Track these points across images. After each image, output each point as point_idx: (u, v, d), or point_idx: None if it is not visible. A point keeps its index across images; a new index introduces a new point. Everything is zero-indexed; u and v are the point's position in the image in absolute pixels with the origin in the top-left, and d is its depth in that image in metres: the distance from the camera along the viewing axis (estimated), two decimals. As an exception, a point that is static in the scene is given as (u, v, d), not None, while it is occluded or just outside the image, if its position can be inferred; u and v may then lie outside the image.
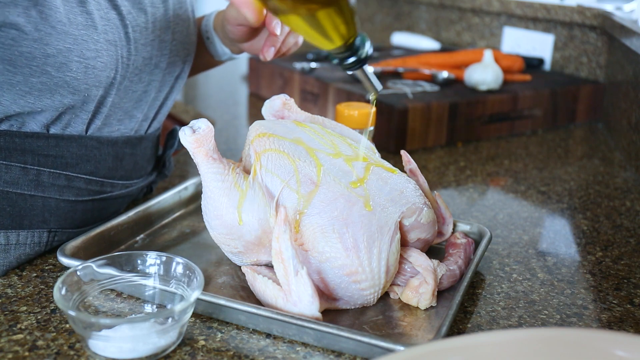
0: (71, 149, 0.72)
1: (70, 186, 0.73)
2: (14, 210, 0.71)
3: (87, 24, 0.67)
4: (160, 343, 0.57)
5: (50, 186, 0.72)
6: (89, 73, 0.68)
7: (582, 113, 1.39)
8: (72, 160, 0.73)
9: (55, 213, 0.73)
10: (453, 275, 0.69)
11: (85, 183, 0.74)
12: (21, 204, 0.71)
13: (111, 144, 0.76)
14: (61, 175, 0.72)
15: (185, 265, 0.62)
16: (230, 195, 0.67)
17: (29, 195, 0.71)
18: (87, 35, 0.67)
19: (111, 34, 0.70)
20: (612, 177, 1.08)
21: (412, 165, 0.75)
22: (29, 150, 0.70)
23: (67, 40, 0.66)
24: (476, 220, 0.89)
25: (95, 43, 0.68)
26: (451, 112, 1.21)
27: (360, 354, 0.59)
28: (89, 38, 0.67)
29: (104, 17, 0.69)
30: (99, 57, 0.68)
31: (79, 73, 0.67)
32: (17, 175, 0.70)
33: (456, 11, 1.76)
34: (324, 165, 0.65)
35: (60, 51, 0.65)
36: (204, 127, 0.67)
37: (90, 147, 0.74)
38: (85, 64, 0.67)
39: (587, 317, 0.67)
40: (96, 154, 0.75)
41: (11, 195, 0.70)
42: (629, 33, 1.17)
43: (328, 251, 0.63)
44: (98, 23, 0.68)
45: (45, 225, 0.73)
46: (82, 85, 0.68)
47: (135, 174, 0.82)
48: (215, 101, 1.58)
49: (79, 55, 0.67)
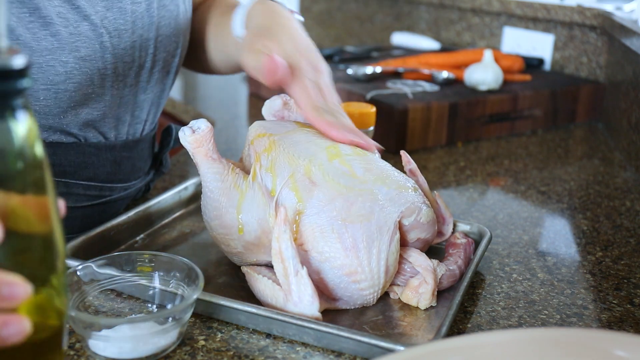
0: (69, 156, 0.71)
1: (69, 193, 0.72)
2: None
3: (53, 47, 0.64)
4: (160, 343, 0.57)
5: None
6: (60, 97, 0.65)
7: (582, 113, 1.39)
8: (70, 168, 0.72)
9: None
10: (453, 275, 0.69)
11: (84, 189, 0.74)
12: None
13: (109, 149, 0.75)
14: (60, 183, 0.71)
15: (185, 265, 0.62)
16: (229, 195, 0.67)
17: None
18: (54, 60, 0.64)
19: (84, 50, 0.66)
20: (612, 177, 1.08)
21: (411, 166, 0.75)
22: None
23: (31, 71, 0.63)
24: (476, 220, 0.89)
25: (64, 65, 0.64)
26: (451, 112, 1.21)
27: (360, 354, 0.59)
28: (56, 62, 0.64)
29: (74, 33, 0.65)
30: (70, 79, 0.65)
31: (48, 100, 0.65)
32: None
33: (456, 11, 1.76)
34: (323, 165, 0.65)
35: None
36: (204, 127, 0.67)
37: (88, 154, 0.73)
38: (54, 90, 0.64)
39: (587, 317, 0.67)
40: (94, 160, 0.73)
41: None
42: (629, 33, 1.17)
43: (327, 251, 0.63)
44: (66, 43, 0.65)
45: None
46: (55, 110, 0.66)
47: (133, 176, 0.81)
48: (215, 101, 1.58)
49: (45, 82, 0.64)
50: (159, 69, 0.78)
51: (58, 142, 0.70)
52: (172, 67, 0.81)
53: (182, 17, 0.80)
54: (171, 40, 0.78)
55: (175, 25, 0.78)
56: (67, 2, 0.65)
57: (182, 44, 0.81)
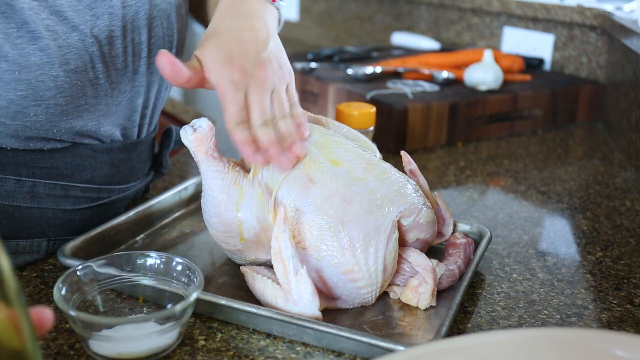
0: (66, 159, 0.71)
1: (67, 195, 0.72)
2: (12, 222, 0.70)
3: (42, 62, 0.62)
4: (160, 343, 0.57)
5: (46, 197, 0.70)
6: (51, 111, 0.64)
7: (582, 113, 1.39)
8: (67, 170, 0.72)
9: (53, 223, 0.73)
10: (452, 275, 0.69)
11: (81, 191, 0.73)
12: (18, 216, 0.70)
13: (106, 151, 0.74)
14: (57, 186, 0.71)
15: (185, 265, 0.62)
16: (229, 193, 0.67)
17: (25, 207, 0.70)
18: (43, 75, 0.62)
19: (73, 62, 0.65)
20: (612, 177, 1.08)
21: (412, 166, 0.75)
22: (23, 163, 0.68)
23: (20, 88, 0.61)
24: (476, 220, 0.89)
25: (54, 80, 0.63)
26: (451, 112, 1.21)
27: (360, 354, 0.59)
28: (46, 76, 0.63)
29: (64, 45, 0.64)
30: (61, 93, 0.64)
31: (39, 116, 0.64)
32: (12, 188, 0.69)
33: (456, 11, 1.76)
34: (322, 164, 0.65)
35: (12, 101, 0.61)
36: (205, 125, 0.68)
37: (85, 157, 0.72)
38: (45, 105, 0.63)
39: (587, 317, 0.67)
40: (92, 163, 0.73)
41: (7, 208, 0.69)
42: (629, 33, 1.17)
43: (324, 249, 0.63)
44: (55, 56, 0.63)
45: (44, 235, 0.72)
46: (47, 125, 0.65)
47: (132, 178, 0.80)
48: (216, 101, 1.57)
49: (35, 98, 0.62)
50: (154, 71, 0.76)
51: (53, 148, 0.70)
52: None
53: (177, 14, 0.77)
54: (164, 40, 0.76)
55: (168, 24, 0.76)
56: (55, 14, 0.64)
57: (177, 42, 0.78)
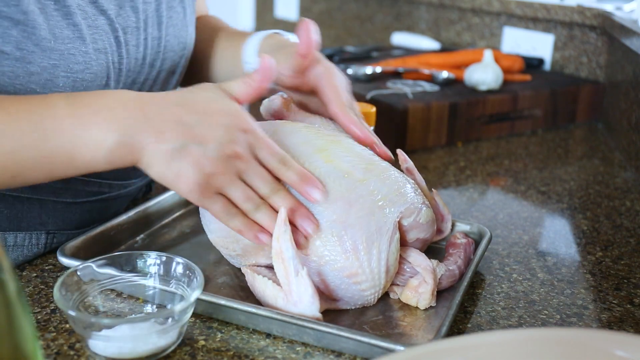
0: None
1: (67, 188, 0.73)
2: (11, 212, 0.71)
3: (74, 36, 0.65)
4: (160, 343, 0.57)
5: (46, 188, 0.71)
6: (77, 86, 0.66)
7: (582, 113, 1.39)
8: None
9: (53, 215, 0.73)
10: (452, 275, 0.69)
11: (82, 184, 0.74)
12: (18, 207, 0.71)
13: None
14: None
15: (185, 265, 0.62)
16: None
17: (25, 198, 0.71)
18: (75, 49, 0.65)
19: (100, 42, 0.68)
20: (612, 177, 1.08)
21: (408, 164, 0.75)
22: None
23: (53, 57, 0.64)
24: (476, 220, 0.89)
25: (83, 55, 0.66)
26: (451, 112, 1.21)
27: (360, 354, 0.59)
28: (77, 51, 0.65)
29: (92, 25, 0.67)
30: (88, 69, 0.67)
31: (66, 88, 0.65)
32: None
33: (456, 11, 1.76)
34: (322, 167, 0.65)
35: (44, 68, 0.63)
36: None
37: None
38: (73, 78, 0.66)
39: (587, 317, 0.67)
40: None
41: (7, 197, 0.70)
42: (629, 33, 1.17)
43: (327, 254, 0.62)
44: (86, 33, 0.66)
45: (43, 227, 0.73)
46: None
47: (133, 174, 0.81)
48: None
49: (66, 69, 0.65)
50: (166, 68, 0.79)
51: None
52: (178, 67, 0.82)
53: (188, 19, 0.82)
54: (179, 40, 0.80)
55: (182, 26, 0.81)
56: None
57: (188, 44, 0.83)
